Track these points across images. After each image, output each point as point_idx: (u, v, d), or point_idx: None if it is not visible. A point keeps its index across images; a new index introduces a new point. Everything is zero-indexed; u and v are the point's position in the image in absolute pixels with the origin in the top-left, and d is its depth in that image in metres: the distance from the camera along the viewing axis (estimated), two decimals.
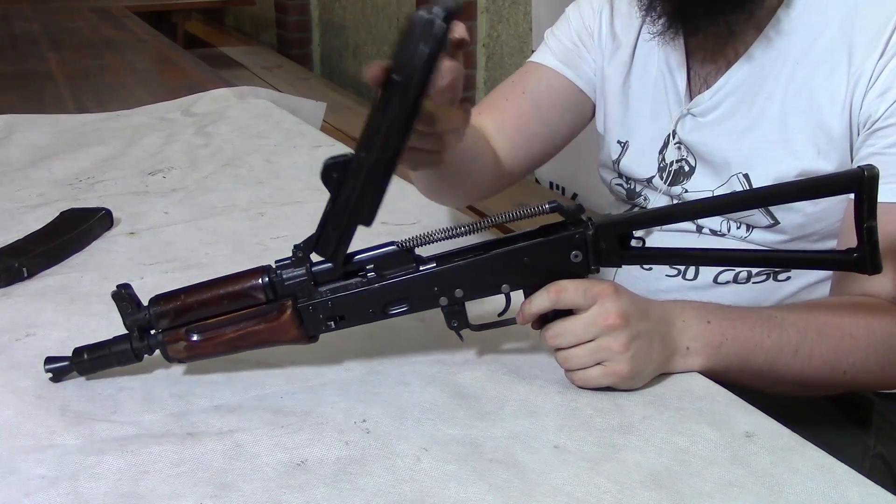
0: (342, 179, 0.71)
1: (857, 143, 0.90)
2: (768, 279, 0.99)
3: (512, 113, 1.13)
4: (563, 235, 0.75)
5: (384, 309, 0.77)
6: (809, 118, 0.92)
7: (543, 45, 1.16)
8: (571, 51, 1.13)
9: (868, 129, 0.88)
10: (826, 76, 0.91)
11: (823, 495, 0.64)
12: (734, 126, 0.97)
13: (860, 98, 0.88)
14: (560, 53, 1.13)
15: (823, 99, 0.91)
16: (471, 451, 0.70)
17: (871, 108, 0.88)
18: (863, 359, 0.82)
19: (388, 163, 0.70)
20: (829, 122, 0.91)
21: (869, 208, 0.71)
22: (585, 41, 1.12)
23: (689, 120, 1.01)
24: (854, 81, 0.88)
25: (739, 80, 0.96)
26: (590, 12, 1.12)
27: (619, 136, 1.09)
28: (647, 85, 1.06)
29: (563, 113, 1.14)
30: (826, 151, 0.91)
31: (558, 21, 1.16)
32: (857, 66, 0.88)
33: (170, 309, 0.78)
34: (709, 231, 1.01)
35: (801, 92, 0.92)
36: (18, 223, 1.20)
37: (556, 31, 1.15)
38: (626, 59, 1.08)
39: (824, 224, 0.94)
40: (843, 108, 0.89)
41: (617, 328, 0.74)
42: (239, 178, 1.40)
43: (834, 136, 0.91)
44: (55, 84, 2.17)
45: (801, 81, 0.92)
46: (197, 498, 0.65)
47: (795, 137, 0.93)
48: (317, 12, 5.02)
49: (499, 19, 3.23)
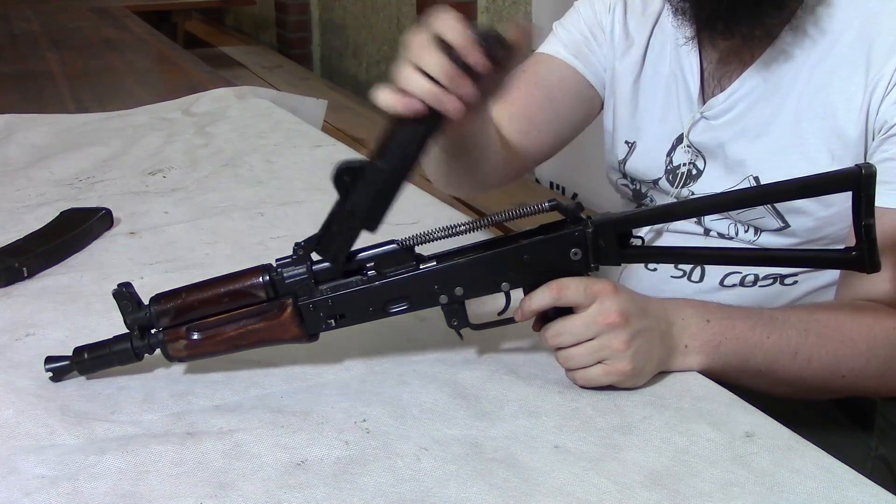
0: (353, 184, 0.71)
1: (871, 149, 0.89)
2: (775, 283, 0.99)
3: (524, 103, 1.11)
4: (562, 233, 0.75)
5: (384, 307, 0.77)
6: (824, 123, 0.91)
7: (552, 35, 1.14)
8: (581, 44, 1.11)
9: (883, 134, 0.88)
10: (843, 82, 0.90)
11: (823, 495, 0.64)
12: (747, 129, 0.96)
13: (877, 104, 0.88)
14: (571, 45, 1.12)
15: (839, 104, 0.90)
16: (471, 450, 0.70)
17: (887, 114, 0.87)
18: (862, 364, 0.82)
19: (403, 172, 0.71)
20: (844, 128, 0.90)
21: (867, 206, 0.71)
22: (597, 35, 1.11)
23: (702, 123, 1.00)
24: (871, 87, 0.88)
25: (754, 83, 0.96)
26: (602, 7, 1.11)
27: (626, 136, 1.09)
28: (657, 86, 1.05)
29: (574, 105, 1.13)
30: (841, 157, 0.91)
31: (567, 13, 1.15)
32: (875, 72, 0.88)
33: (170, 307, 0.78)
34: (716, 234, 1.01)
35: (816, 97, 0.92)
36: (18, 223, 1.20)
37: (566, 23, 1.14)
38: (638, 59, 1.07)
39: (835, 228, 0.94)
40: (860, 114, 0.89)
41: (617, 326, 0.74)
42: (239, 178, 1.40)
43: (849, 142, 0.90)
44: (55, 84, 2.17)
45: (817, 87, 0.92)
46: (197, 498, 0.65)
47: (809, 142, 0.92)
48: (317, 12, 5.02)
49: (499, 19, 3.24)
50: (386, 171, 0.71)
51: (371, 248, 0.77)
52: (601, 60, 1.11)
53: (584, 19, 1.12)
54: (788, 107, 0.93)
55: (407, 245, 0.76)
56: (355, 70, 4.59)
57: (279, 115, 1.80)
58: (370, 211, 0.72)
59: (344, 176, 0.72)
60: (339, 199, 0.72)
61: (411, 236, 0.76)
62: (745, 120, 0.97)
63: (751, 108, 0.96)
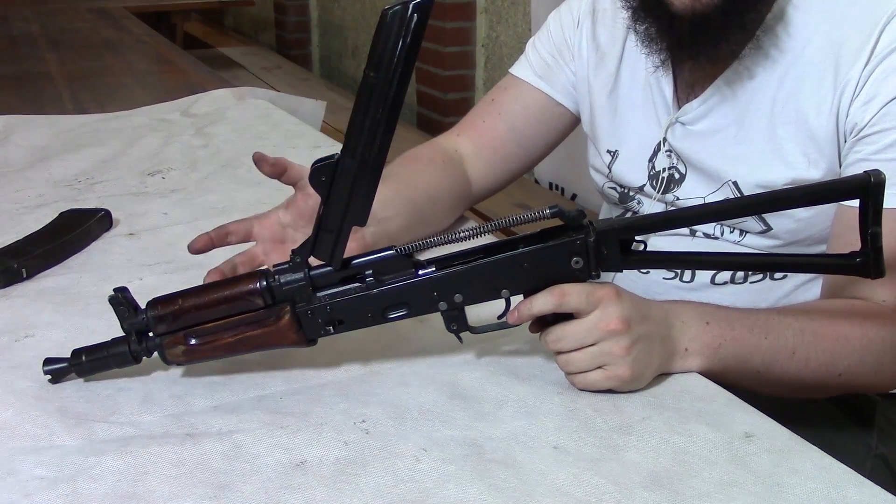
0: (331, 182, 0.72)
1: (845, 151, 0.90)
2: (765, 279, 1.00)
3: (488, 135, 1.16)
4: (563, 241, 0.75)
5: (383, 313, 0.77)
6: (798, 127, 0.92)
7: (524, 56, 1.17)
8: (549, 63, 1.14)
9: (855, 136, 0.89)
10: (813, 86, 0.91)
11: (823, 495, 0.64)
12: (724, 135, 0.97)
13: (846, 106, 0.89)
14: (538, 67, 1.14)
15: (810, 109, 0.91)
16: (470, 451, 0.70)
17: (857, 117, 0.88)
18: (857, 362, 0.83)
19: (374, 161, 0.71)
20: (816, 131, 0.91)
21: (874, 214, 0.71)
22: (564, 54, 1.13)
23: (679, 127, 1.01)
24: (840, 90, 0.89)
25: (727, 89, 0.96)
26: (570, 23, 1.13)
27: (608, 145, 1.10)
28: (635, 93, 1.06)
29: (539, 130, 1.16)
30: (816, 160, 0.92)
31: (540, 29, 1.17)
32: (843, 76, 0.89)
33: (167, 313, 0.77)
34: (702, 234, 1.01)
35: (789, 102, 0.92)
36: (17, 224, 1.20)
37: (537, 42, 1.16)
38: (613, 70, 1.08)
39: (817, 229, 0.95)
40: (829, 117, 0.90)
41: (619, 333, 0.74)
42: (238, 179, 1.40)
43: (822, 145, 0.91)
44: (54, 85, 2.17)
45: (790, 91, 0.92)
46: (196, 498, 0.65)
47: (785, 147, 0.93)
48: (316, 13, 5.02)
49: (498, 20, 3.23)
50: (357, 163, 0.71)
51: (370, 254, 0.77)
52: (570, 77, 1.13)
53: (553, 37, 1.14)
54: (763, 112, 0.94)
55: (405, 251, 0.76)
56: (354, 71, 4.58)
57: (278, 115, 1.80)
58: (353, 206, 0.72)
59: (321, 176, 0.72)
60: (322, 199, 0.73)
61: (410, 242, 0.76)
62: (720, 126, 0.97)
63: (726, 114, 0.97)
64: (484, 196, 1.20)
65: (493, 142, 1.15)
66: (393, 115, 0.70)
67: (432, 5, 0.68)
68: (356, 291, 0.77)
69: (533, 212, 0.72)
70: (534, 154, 1.18)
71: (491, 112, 1.17)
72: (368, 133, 0.70)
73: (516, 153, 1.16)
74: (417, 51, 0.68)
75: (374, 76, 0.68)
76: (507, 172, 1.18)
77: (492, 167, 1.16)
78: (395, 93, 0.69)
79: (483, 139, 1.16)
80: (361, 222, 0.73)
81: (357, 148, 0.70)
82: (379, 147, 0.70)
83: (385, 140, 0.70)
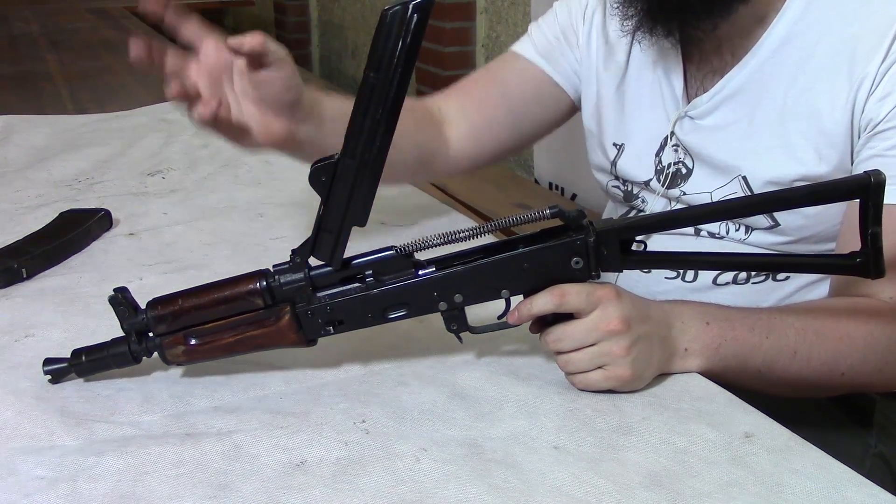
0: (331, 182, 0.72)
1: (858, 146, 0.90)
2: (767, 279, 0.99)
3: (477, 97, 1.13)
4: (563, 242, 0.75)
5: (383, 313, 0.77)
6: (810, 123, 0.91)
7: (526, 35, 1.16)
8: (553, 45, 1.12)
9: (869, 132, 0.88)
10: (827, 81, 0.90)
11: (823, 495, 0.64)
12: (734, 130, 0.97)
13: (862, 102, 0.88)
14: (541, 46, 1.13)
15: (824, 104, 0.90)
16: (470, 451, 0.70)
17: (872, 112, 0.88)
18: (860, 361, 0.82)
19: (374, 162, 0.71)
20: (829, 127, 0.90)
21: (874, 214, 0.71)
22: (570, 39, 1.11)
23: (688, 122, 1.00)
24: (856, 86, 0.88)
25: (738, 84, 0.96)
26: (578, 11, 1.12)
27: (614, 138, 1.09)
28: (643, 87, 1.05)
29: (534, 107, 1.13)
30: (827, 156, 0.91)
31: (545, 14, 1.16)
32: (859, 71, 0.88)
33: (167, 313, 0.77)
34: (707, 234, 1.01)
35: (801, 97, 0.92)
36: (17, 224, 1.20)
37: (542, 24, 1.15)
38: (622, 63, 1.07)
39: (825, 226, 0.94)
40: (844, 112, 0.89)
41: (619, 333, 0.74)
42: (238, 179, 1.40)
43: (835, 141, 0.90)
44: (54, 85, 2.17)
45: (802, 87, 0.92)
46: (196, 499, 0.65)
47: (796, 142, 0.92)
48: (316, 13, 5.02)
49: (498, 20, 3.24)
50: (357, 163, 0.71)
51: (370, 254, 0.77)
52: (572, 63, 1.12)
53: (559, 21, 1.13)
54: (773, 107, 0.94)
55: (406, 251, 0.76)
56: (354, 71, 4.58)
57: None
58: (353, 206, 0.72)
59: (321, 176, 0.72)
60: (322, 200, 0.73)
61: (410, 242, 0.76)
62: (730, 121, 0.97)
63: (736, 109, 0.96)
64: (465, 166, 1.15)
65: (481, 103, 1.12)
66: (393, 115, 0.70)
67: (432, 5, 0.69)
68: (356, 292, 0.77)
69: (533, 212, 0.72)
70: (524, 130, 1.15)
71: (484, 77, 1.14)
72: (368, 133, 0.70)
73: (506, 120, 1.13)
74: (417, 51, 0.68)
75: (374, 76, 0.69)
76: (493, 139, 1.14)
77: (476, 129, 1.12)
78: (395, 93, 0.69)
79: (471, 101, 1.12)
80: (362, 222, 0.73)
81: (357, 148, 0.71)
82: (379, 147, 0.71)
83: (385, 140, 0.71)
